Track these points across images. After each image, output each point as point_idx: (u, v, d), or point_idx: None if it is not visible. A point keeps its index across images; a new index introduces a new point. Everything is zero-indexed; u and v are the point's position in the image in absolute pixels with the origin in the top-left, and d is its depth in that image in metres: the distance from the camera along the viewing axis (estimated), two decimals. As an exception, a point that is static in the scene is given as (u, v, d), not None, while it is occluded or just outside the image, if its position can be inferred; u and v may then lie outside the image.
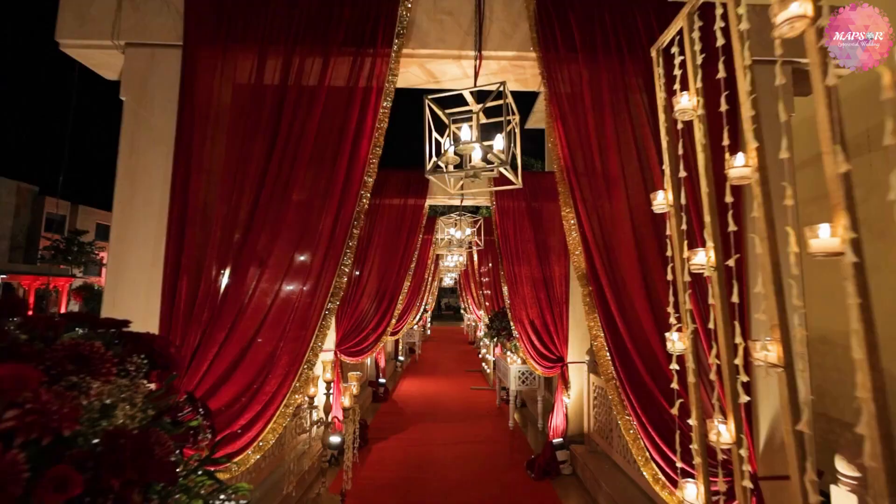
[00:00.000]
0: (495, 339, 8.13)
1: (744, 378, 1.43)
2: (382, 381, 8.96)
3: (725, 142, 1.50)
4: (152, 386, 1.23)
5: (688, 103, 1.74)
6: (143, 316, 2.42)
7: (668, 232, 1.94)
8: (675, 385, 1.85)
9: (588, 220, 2.50)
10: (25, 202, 26.66)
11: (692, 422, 1.79)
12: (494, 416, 7.74)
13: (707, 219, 1.70)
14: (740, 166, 1.41)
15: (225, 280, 2.40)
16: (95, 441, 0.99)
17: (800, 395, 1.29)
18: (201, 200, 2.48)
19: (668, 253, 1.92)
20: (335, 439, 5.51)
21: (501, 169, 2.66)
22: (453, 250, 9.68)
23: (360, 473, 5.17)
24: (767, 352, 1.30)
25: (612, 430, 4.68)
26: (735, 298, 1.50)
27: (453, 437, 6.58)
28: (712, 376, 1.56)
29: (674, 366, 1.84)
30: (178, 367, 1.30)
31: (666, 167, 2.00)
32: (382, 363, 9.12)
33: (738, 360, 1.43)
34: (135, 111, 2.58)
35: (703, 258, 1.69)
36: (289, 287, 2.46)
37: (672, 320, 1.89)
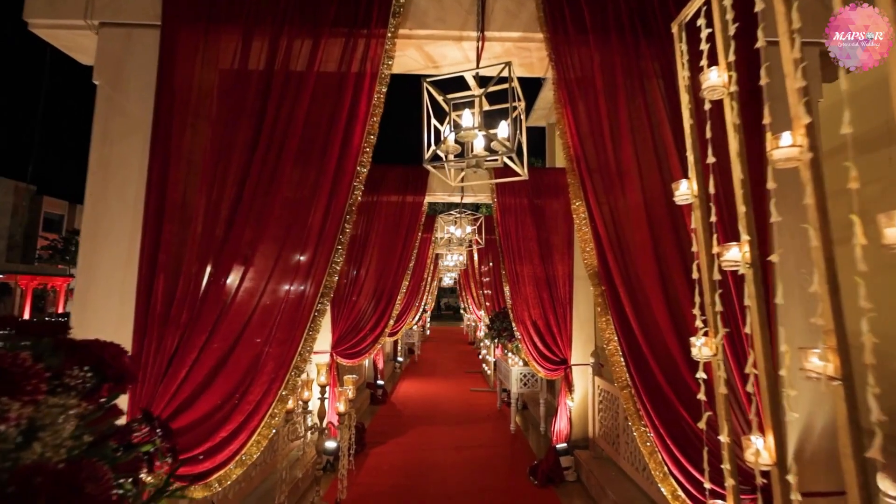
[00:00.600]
0: (496, 340, 7.94)
1: (791, 392, 1.24)
2: (380, 382, 8.77)
3: (766, 119, 1.30)
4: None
5: (717, 79, 1.54)
6: (117, 318, 2.23)
7: (692, 225, 1.75)
8: (702, 396, 1.65)
9: (600, 214, 2.30)
10: (23, 201, 26.46)
11: (723, 438, 1.59)
12: (495, 419, 7.56)
13: (742, 209, 1.50)
14: (787, 146, 1.21)
15: (205, 279, 2.20)
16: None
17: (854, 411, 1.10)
18: (180, 193, 2.29)
19: (694, 248, 1.73)
20: (331, 445, 5.32)
21: (506, 159, 2.47)
22: (453, 249, 9.50)
23: (356, 480, 4.98)
24: (822, 361, 1.11)
25: (619, 435, 4.49)
26: (780, 299, 1.30)
27: (453, 441, 6.39)
28: (749, 387, 1.37)
29: (700, 374, 1.65)
30: (134, 380, 1.10)
31: (690, 153, 1.80)
32: (381, 364, 8.93)
33: (784, 371, 1.23)
34: (109, 97, 2.39)
35: (736, 254, 1.49)
36: (275, 286, 2.26)
37: (698, 323, 1.70)
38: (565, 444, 5.28)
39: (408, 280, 6.28)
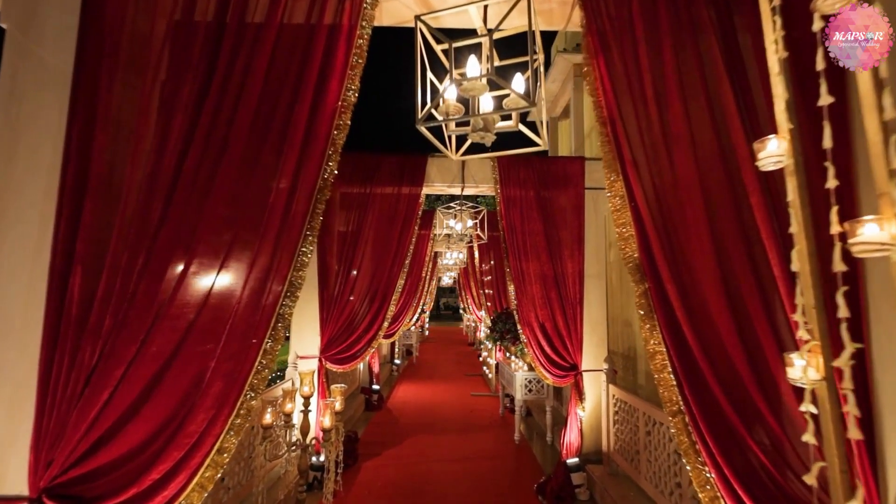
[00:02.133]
0: (498, 343, 7.46)
1: None
2: (376, 387, 8.29)
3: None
4: None
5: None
6: (21, 324, 1.73)
7: (789, 197, 1.26)
8: (809, 438, 1.16)
9: (642, 191, 1.81)
10: None
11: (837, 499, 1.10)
12: (498, 427, 7.09)
13: (881, 170, 1.01)
14: None
15: (136, 274, 1.71)
16: None
17: None
18: (106, 164, 1.79)
19: (793, 229, 1.24)
20: (317, 459, 4.82)
21: (522, 128, 1.98)
22: (452, 247, 9.01)
23: (346, 499, 4.49)
24: None
25: (640, 452, 4.00)
26: None
27: (453, 452, 5.92)
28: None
29: (807, 407, 1.16)
30: None
31: (779, 99, 1.31)
32: (376, 368, 8.44)
33: None
34: (19, 43, 1.88)
35: (874, 232, 1.00)
36: (226, 284, 1.76)
37: (801, 333, 1.21)
38: (577, 459, 4.79)
39: (403, 278, 5.79)
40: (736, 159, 1.79)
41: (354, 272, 5.45)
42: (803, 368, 1.19)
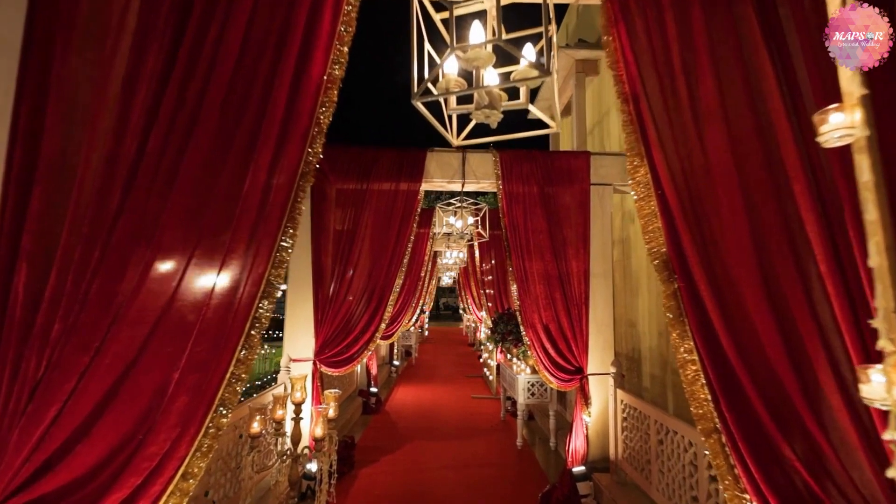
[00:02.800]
0: (500, 345, 7.23)
1: None
2: (374, 390, 8.07)
3: None
4: None
5: None
6: (-42, 329, 1.50)
7: (863, 178, 1.04)
8: (894, 473, 0.94)
9: (670, 177, 1.58)
10: None
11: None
12: (499, 432, 6.88)
13: None
14: None
15: (90, 272, 1.48)
16: None
17: None
18: (58, 146, 1.57)
19: (872, 216, 1.02)
20: (311, 467, 4.60)
21: (531, 107, 1.76)
22: (452, 245, 8.78)
23: (340, 510, 4.27)
24: None
25: (651, 461, 3.78)
26: None
27: (453, 458, 5.70)
28: None
29: (892, 434, 0.94)
30: None
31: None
32: (374, 370, 8.23)
33: None
34: (-39, 8, 1.66)
35: None
36: (194, 283, 1.54)
37: (883, 343, 0.99)
38: (583, 468, 4.57)
39: (402, 278, 5.56)
40: (776, 140, 1.57)
41: (351, 271, 5.23)
42: (886, 386, 0.97)
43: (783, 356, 1.45)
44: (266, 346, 14.22)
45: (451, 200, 6.02)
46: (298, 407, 3.75)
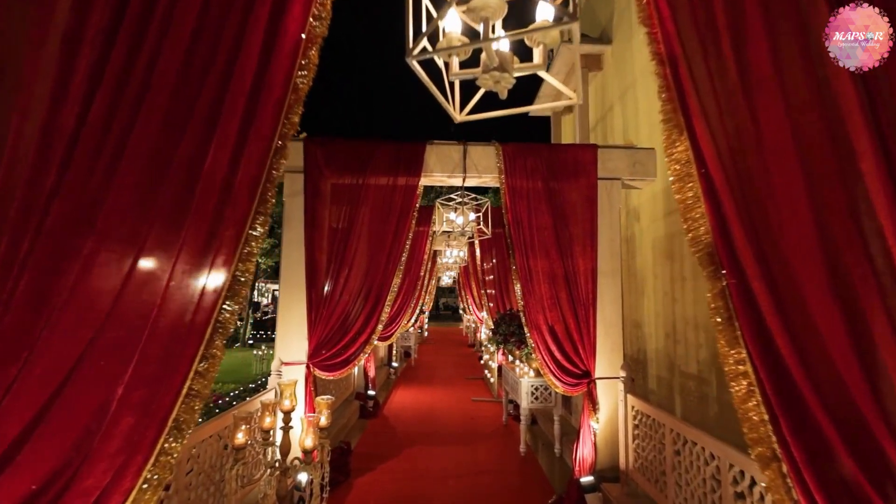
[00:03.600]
0: (502, 346, 6.98)
1: None
2: (372, 393, 7.81)
3: None
4: None
5: None
6: None
7: None
8: None
9: (715, 154, 1.33)
10: None
11: None
12: (501, 436, 6.63)
13: None
14: None
15: (18, 265, 1.22)
16: None
17: None
18: (-16, 114, 1.31)
19: None
20: (301, 478, 4.34)
21: (544, 75, 1.50)
22: (453, 243, 8.53)
23: (333, 526, 4.01)
24: None
25: (667, 473, 3.52)
26: None
27: (453, 465, 5.45)
28: None
29: None
30: None
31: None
32: (372, 372, 7.97)
33: None
34: None
35: None
36: (144, 279, 1.28)
37: None
38: (591, 478, 4.31)
39: (400, 277, 5.30)
40: (840, 113, 1.32)
41: (346, 270, 4.97)
42: None
43: (855, 368, 1.19)
44: (264, 347, 13.98)
45: (452, 196, 5.75)
46: (288, 415, 3.50)
